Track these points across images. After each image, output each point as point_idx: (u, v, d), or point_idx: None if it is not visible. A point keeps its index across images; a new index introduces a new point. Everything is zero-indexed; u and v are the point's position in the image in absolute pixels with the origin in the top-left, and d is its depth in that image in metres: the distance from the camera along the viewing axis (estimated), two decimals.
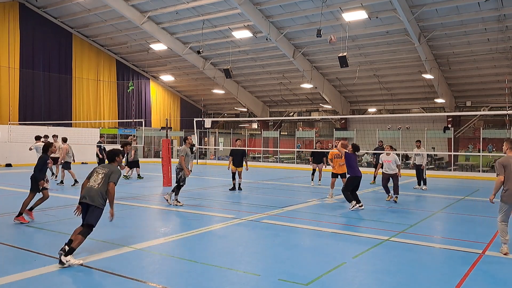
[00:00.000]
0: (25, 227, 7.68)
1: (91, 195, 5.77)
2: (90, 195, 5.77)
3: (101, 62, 31.12)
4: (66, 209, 9.64)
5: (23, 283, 4.87)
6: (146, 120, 32.90)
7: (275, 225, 8.21)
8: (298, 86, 29.53)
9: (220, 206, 10.57)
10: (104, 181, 5.86)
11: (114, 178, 5.91)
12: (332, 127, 33.10)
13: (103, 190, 5.82)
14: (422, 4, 18.33)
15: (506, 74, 22.26)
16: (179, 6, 22.28)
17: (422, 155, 14.81)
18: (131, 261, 5.79)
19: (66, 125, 25.98)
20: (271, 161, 28.89)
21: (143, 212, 9.73)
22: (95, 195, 5.76)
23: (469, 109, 27.72)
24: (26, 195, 8.20)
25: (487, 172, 20.88)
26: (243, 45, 25.72)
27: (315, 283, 4.97)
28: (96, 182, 5.87)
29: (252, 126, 40.43)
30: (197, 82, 33.88)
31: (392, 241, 7.03)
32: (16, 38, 25.95)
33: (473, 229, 8.32)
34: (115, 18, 25.42)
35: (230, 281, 5.06)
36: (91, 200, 5.75)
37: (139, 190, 13.17)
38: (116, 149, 6.53)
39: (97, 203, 5.75)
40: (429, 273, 5.43)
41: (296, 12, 21.07)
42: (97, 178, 5.91)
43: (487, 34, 20.15)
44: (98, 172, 5.98)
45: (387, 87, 27.69)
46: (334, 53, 22.93)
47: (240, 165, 13.29)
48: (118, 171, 6.12)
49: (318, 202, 11.39)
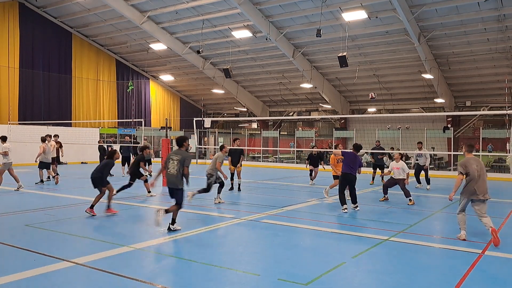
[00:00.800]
0: (25, 226, 7.68)
1: (172, 181, 7.20)
2: (171, 181, 7.21)
3: (100, 62, 31.11)
4: (66, 209, 9.64)
5: (23, 283, 4.86)
6: (145, 120, 32.91)
7: (274, 225, 8.21)
8: (297, 86, 29.53)
9: (220, 206, 10.57)
10: (179, 167, 7.13)
11: (187, 163, 7.15)
12: (331, 127, 33.11)
13: (180, 174, 7.13)
14: (422, 4, 18.33)
15: (506, 74, 22.27)
16: (179, 6, 22.28)
17: (425, 156, 14.95)
18: (131, 261, 5.79)
19: (66, 125, 25.96)
20: (270, 161, 28.90)
21: (143, 212, 9.74)
22: (175, 180, 7.16)
23: (469, 109, 27.73)
24: (26, 195, 8.18)
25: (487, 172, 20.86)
26: (243, 45, 25.72)
27: (315, 283, 4.98)
28: (174, 169, 7.16)
29: (251, 126, 40.44)
30: (197, 82, 33.88)
31: (392, 241, 7.03)
32: (16, 37, 25.94)
33: (473, 229, 8.32)
34: (115, 17, 25.41)
35: (230, 281, 5.06)
36: (174, 185, 7.20)
37: (139, 190, 13.17)
38: (183, 136, 7.76)
39: (179, 186, 7.21)
40: (429, 273, 5.43)
41: (296, 12, 21.07)
42: (174, 165, 7.18)
43: (487, 34, 20.15)
44: (173, 159, 7.23)
45: (386, 87, 27.70)
46: (334, 53, 22.95)
47: (238, 165, 13.26)
48: (190, 156, 7.37)
49: (318, 202, 11.40)
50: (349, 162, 9.83)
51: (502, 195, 14.10)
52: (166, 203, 10.61)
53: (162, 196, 12.09)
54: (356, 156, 9.97)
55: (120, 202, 10.32)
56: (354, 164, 9.83)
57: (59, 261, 5.59)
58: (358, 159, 9.98)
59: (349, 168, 9.78)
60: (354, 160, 9.88)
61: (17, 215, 8.89)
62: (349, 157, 9.95)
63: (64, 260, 5.63)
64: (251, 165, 25.67)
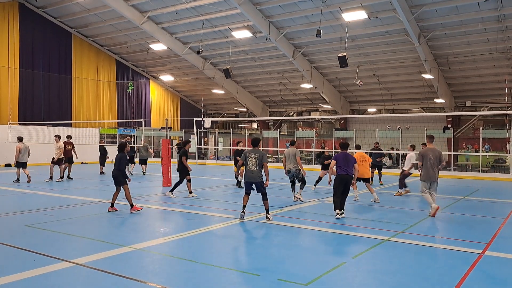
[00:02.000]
0: (25, 227, 7.68)
1: (252, 176, 8.39)
2: (251, 176, 8.40)
3: (100, 62, 31.11)
4: (66, 209, 9.64)
5: (23, 283, 4.86)
6: (145, 120, 32.91)
7: (275, 225, 8.21)
8: (298, 86, 29.53)
9: (220, 206, 10.57)
10: (258, 164, 8.34)
11: (266, 160, 8.45)
12: (331, 127, 33.11)
13: (259, 169, 8.40)
14: (422, 4, 18.33)
15: (506, 74, 22.28)
16: (179, 6, 22.28)
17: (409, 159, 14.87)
18: (131, 261, 5.79)
19: (66, 125, 25.96)
20: (271, 161, 28.88)
21: (143, 212, 9.73)
22: (255, 175, 8.36)
23: (469, 109, 27.73)
24: (25, 195, 8.19)
25: (486, 172, 20.90)
26: (243, 45, 25.72)
27: (315, 283, 4.97)
28: (253, 165, 8.34)
29: (251, 126, 40.44)
30: (197, 82, 33.88)
31: (392, 241, 7.03)
32: (16, 38, 25.95)
33: (473, 229, 8.32)
34: (115, 18, 25.42)
35: (230, 281, 5.06)
36: (253, 179, 8.39)
37: (139, 190, 13.17)
38: (258, 137, 8.93)
39: (258, 180, 8.40)
40: (429, 273, 5.43)
41: (296, 12, 21.07)
42: (252, 162, 8.35)
43: (487, 34, 20.16)
44: (251, 157, 8.39)
45: (386, 87, 27.70)
46: (334, 53, 22.95)
47: None
48: (265, 154, 8.56)
49: (318, 202, 11.40)
50: (343, 164, 9.05)
51: (502, 195, 14.11)
52: (166, 203, 10.62)
53: (162, 196, 12.09)
54: (347, 155, 9.20)
55: (120, 202, 10.30)
56: (347, 164, 9.06)
57: (59, 262, 5.59)
58: (351, 157, 9.23)
59: (344, 169, 9.02)
60: (346, 160, 9.10)
61: (17, 215, 8.89)
62: (341, 159, 9.11)
63: (64, 261, 5.63)
64: None
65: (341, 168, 9.11)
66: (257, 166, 8.32)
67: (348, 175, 9.05)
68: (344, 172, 9.02)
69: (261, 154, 8.45)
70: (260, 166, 8.35)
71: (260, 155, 8.40)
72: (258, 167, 8.33)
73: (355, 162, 9.23)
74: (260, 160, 8.34)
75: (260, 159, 8.35)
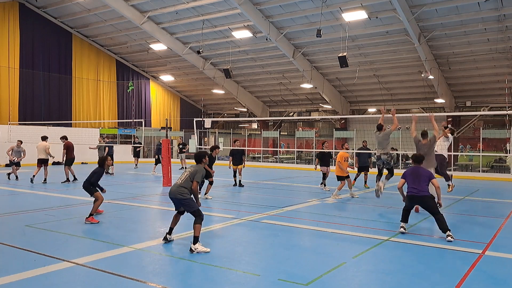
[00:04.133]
0: (25, 227, 7.68)
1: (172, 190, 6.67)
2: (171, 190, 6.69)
3: (101, 62, 31.11)
4: (66, 209, 9.64)
5: (23, 283, 4.86)
6: (146, 120, 32.91)
7: (275, 225, 8.21)
8: (298, 86, 29.52)
9: (220, 206, 10.57)
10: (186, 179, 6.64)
11: (198, 178, 6.62)
12: (332, 127, 33.10)
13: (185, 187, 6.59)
14: (422, 4, 18.33)
15: (506, 74, 22.26)
16: (179, 6, 22.28)
17: None
18: (131, 261, 5.79)
19: (66, 125, 25.96)
20: (271, 161, 28.89)
21: (143, 212, 9.73)
22: (175, 191, 6.57)
23: (469, 109, 27.72)
24: (26, 195, 8.19)
25: (486, 172, 20.89)
26: (243, 45, 25.72)
27: (315, 283, 4.97)
28: (180, 179, 6.68)
29: (252, 126, 40.44)
30: (197, 82, 33.89)
31: (392, 241, 7.03)
32: (16, 38, 25.95)
33: (473, 229, 8.32)
34: (115, 18, 25.42)
35: (230, 281, 5.06)
36: (173, 194, 6.60)
37: (139, 190, 13.18)
38: (203, 151, 7.42)
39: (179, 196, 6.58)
40: (429, 273, 5.43)
41: (296, 12, 21.07)
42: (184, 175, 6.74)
43: (487, 34, 20.15)
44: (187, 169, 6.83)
45: (387, 87, 27.69)
46: (334, 53, 22.94)
47: (239, 163, 14.47)
48: (202, 171, 6.80)
49: (318, 202, 11.39)
50: (412, 182, 7.78)
51: (502, 195, 14.11)
52: (166, 203, 10.61)
53: (162, 196, 12.09)
54: (417, 169, 7.83)
55: (120, 202, 10.32)
56: (418, 180, 7.67)
57: (59, 262, 5.59)
58: (423, 172, 7.79)
59: (413, 187, 7.73)
60: (416, 175, 7.76)
61: (17, 215, 8.89)
62: (409, 176, 7.90)
63: (64, 261, 5.63)
64: (252, 166, 25.65)
65: (410, 187, 7.69)
66: (184, 181, 6.59)
67: (419, 195, 7.52)
68: (414, 192, 7.58)
69: (196, 169, 6.70)
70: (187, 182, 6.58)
71: (194, 170, 6.68)
72: (184, 182, 6.58)
73: (431, 178, 7.66)
74: (192, 175, 6.63)
75: (193, 174, 6.64)
